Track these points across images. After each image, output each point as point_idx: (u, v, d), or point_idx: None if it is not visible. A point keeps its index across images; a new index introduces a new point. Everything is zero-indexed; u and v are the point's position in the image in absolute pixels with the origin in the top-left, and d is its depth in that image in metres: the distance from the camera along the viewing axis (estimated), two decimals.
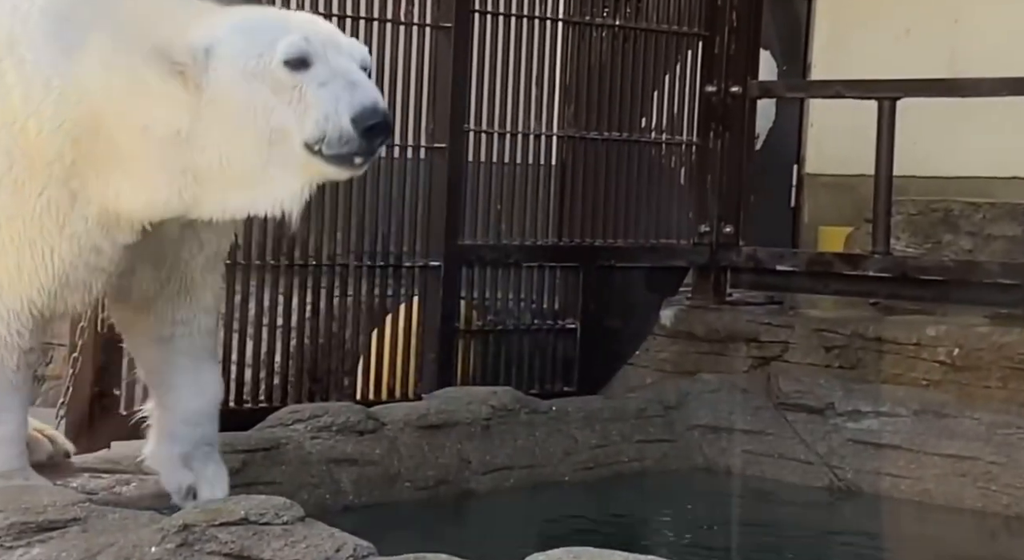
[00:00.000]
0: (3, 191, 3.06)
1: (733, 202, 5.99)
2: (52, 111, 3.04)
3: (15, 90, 3.05)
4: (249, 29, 3.05)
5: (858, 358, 5.29)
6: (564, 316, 5.68)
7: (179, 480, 3.48)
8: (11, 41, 3.06)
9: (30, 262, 3.09)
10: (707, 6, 5.95)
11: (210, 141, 3.02)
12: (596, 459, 4.79)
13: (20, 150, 3.05)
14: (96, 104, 3.05)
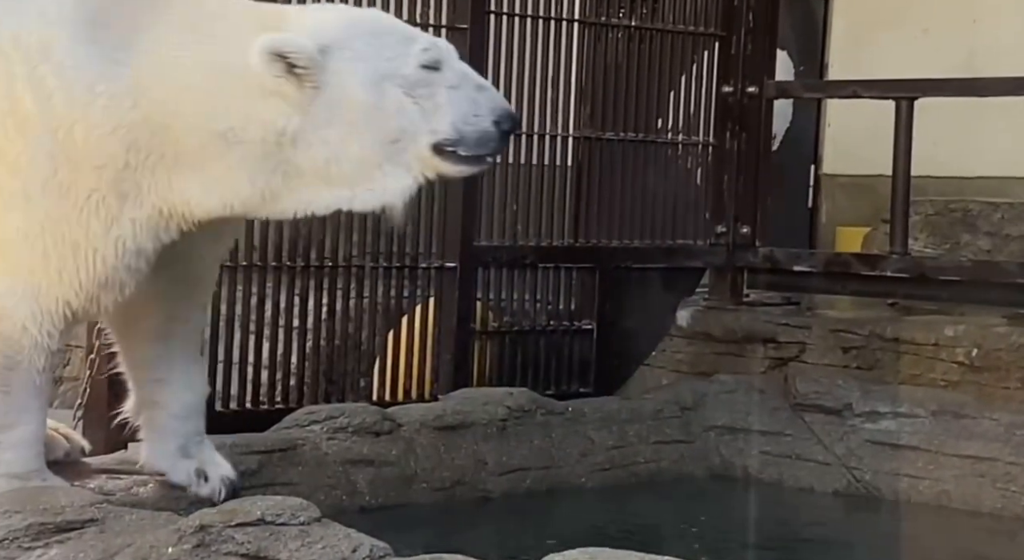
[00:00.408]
0: (48, 195, 3.06)
1: (750, 203, 5.97)
2: (101, 116, 3.05)
3: (56, 95, 3.05)
4: (374, 31, 3.14)
5: (876, 359, 5.27)
6: (580, 317, 5.67)
7: (185, 469, 3.50)
8: (45, 46, 3.07)
9: (72, 264, 3.10)
10: (723, 6, 5.94)
11: (320, 140, 3.06)
12: (612, 460, 4.77)
13: (65, 154, 3.05)
14: (158, 107, 3.06)
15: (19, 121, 3.05)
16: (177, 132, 3.08)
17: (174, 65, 3.07)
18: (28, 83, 3.05)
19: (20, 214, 3.07)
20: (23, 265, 3.09)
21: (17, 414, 3.19)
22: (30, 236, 3.07)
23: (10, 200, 3.07)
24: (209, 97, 3.07)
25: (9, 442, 3.20)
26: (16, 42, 3.08)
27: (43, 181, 3.06)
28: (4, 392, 3.16)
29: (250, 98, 3.05)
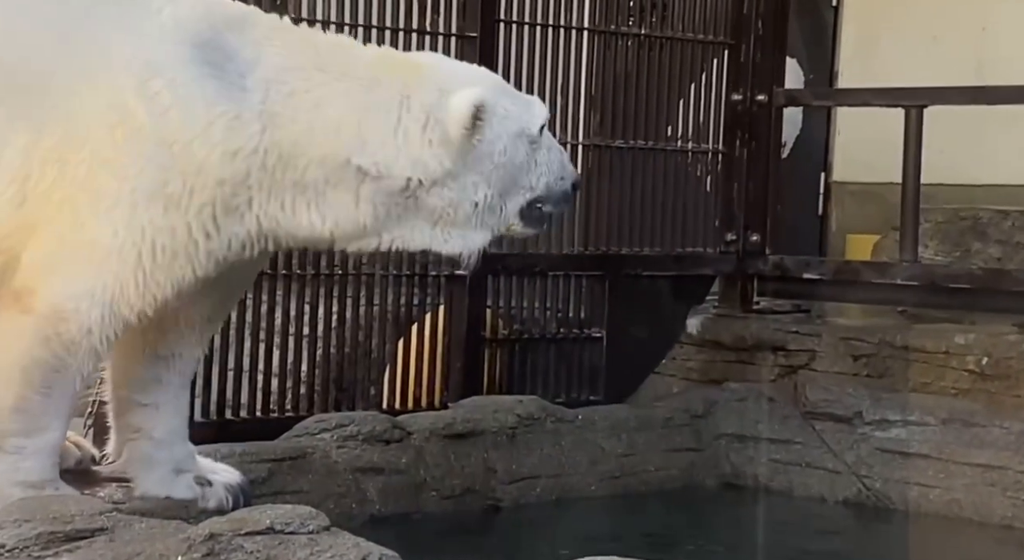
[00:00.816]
0: (154, 205, 3.12)
1: (760, 210, 5.97)
2: (224, 135, 3.13)
3: (172, 111, 3.12)
4: (509, 91, 3.43)
5: (886, 367, 5.26)
6: (590, 325, 5.67)
7: (185, 482, 3.52)
8: (155, 62, 3.13)
9: (163, 273, 3.16)
10: (733, 15, 5.94)
11: (457, 186, 3.27)
12: (622, 468, 4.77)
13: (179, 168, 3.12)
14: (291, 136, 3.18)
15: (130, 131, 3.12)
16: (308, 160, 3.20)
17: (315, 101, 3.20)
18: (139, 96, 3.12)
19: (120, 221, 3.12)
20: (111, 270, 3.14)
21: (50, 419, 3.21)
22: (126, 243, 3.13)
23: (110, 207, 3.12)
24: (356, 134, 3.21)
25: (33, 448, 3.21)
26: (124, 55, 3.15)
27: (151, 191, 3.12)
28: (45, 394, 3.18)
29: (408, 140, 3.22)
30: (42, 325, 3.13)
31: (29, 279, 3.15)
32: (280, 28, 3.34)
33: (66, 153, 3.11)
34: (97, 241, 3.12)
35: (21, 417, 3.18)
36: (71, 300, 3.13)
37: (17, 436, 3.19)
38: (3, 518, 2.93)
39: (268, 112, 3.16)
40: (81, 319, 3.14)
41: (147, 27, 3.17)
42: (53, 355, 3.15)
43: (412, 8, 5.16)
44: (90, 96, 3.13)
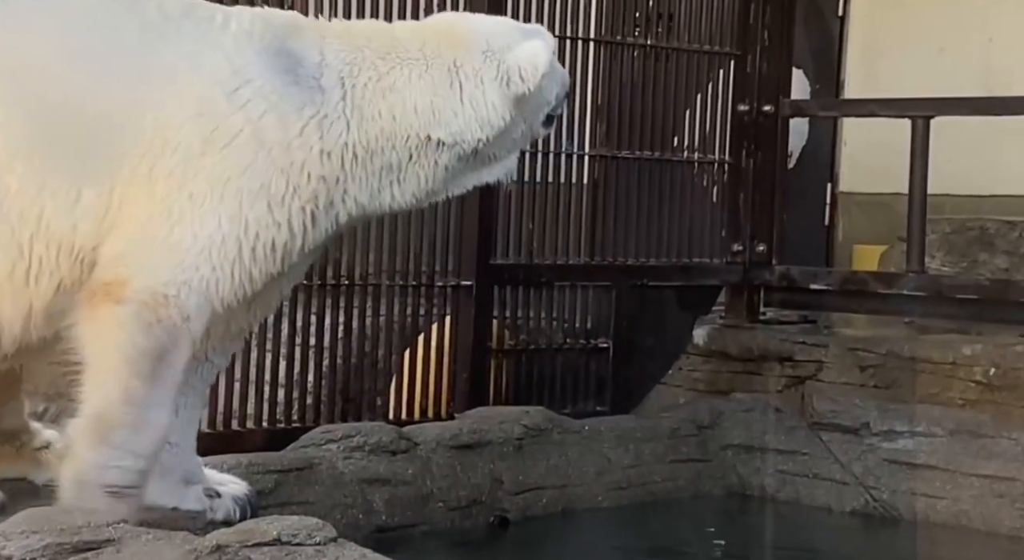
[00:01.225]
0: (259, 203, 3.24)
1: (766, 221, 5.97)
2: (317, 135, 3.30)
3: (267, 117, 3.26)
4: (527, 31, 3.60)
5: (893, 377, 5.25)
6: (596, 335, 5.67)
7: (194, 494, 3.51)
8: (238, 71, 3.27)
9: (259, 269, 3.27)
10: (739, 25, 5.94)
11: (507, 133, 3.50)
12: (629, 479, 4.77)
13: (280, 168, 3.27)
14: (377, 127, 3.38)
15: (227, 137, 3.24)
16: (393, 144, 3.41)
17: (385, 88, 3.39)
18: (231, 104, 3.24)
19: (224, 215, 3.21)
20: (207, 261, 3.22)
21: (157, 410, 3.21)
22: (230, 236, 3.23)
23: (215, 205, 3.21)
24: (430, 110, 3.42)
25: (138, 449, 3.19)
26: (201, 66, 3.26)
27: (255, 190, 3.24)
28: (152, 383, 3.18)
29: (474, 105, 3.44)
30: (142, 312, 3.16)
31: (118, 270, 3.18)
32: (325, 27, 3.51)
33: (157, 160, 3.21)
34: (197, 233, 3.21)
35: (131, 408, 3.18)
36: (170, 287, 3.19)
37: (125, 429, 3.17)
38: (10, 529, 2.94)
39: (349, 107, 3.36)
40: (180, 305, 3.19)
41: (223, 40, 3.30)
42: (157, 341, 3.17)
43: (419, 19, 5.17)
44: (180, 108, 3.23)
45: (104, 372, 3.17)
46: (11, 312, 3.22)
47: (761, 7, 5.95)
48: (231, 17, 3.36)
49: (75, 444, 3.20)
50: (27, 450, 3.58)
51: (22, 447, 3.57)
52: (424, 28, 3.61)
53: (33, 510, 3.09)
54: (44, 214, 3.17)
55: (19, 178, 3.15)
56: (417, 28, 3.62)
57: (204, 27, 3.31)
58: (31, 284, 3.20)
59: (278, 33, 3.36)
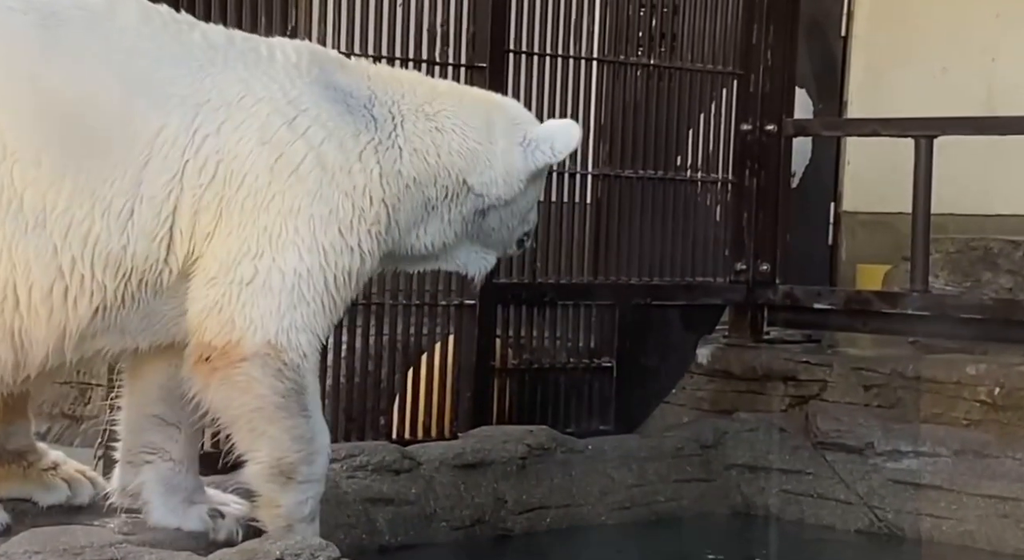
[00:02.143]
0: (331, 229, 3.32)
1: (769, 240, 5.97)
2: (376, 160, 3.43)
3: (327, 144, 3.35)
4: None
5: (898, 397, 5.24)
6: (600, 354, 5.66)
7: (196, 514, 3.52)
8: (293, 101, 3.34)
9: (346, 291, 3.38)
10: (742, 45, 5.96)
11: (510, 212, 3.70)
12: (633, 499, 4.76)
13: (344, 192, 3.36)
14: (423, 161, 3.53)
15: (291, 165, 3.30)
16: (435, 179, 3.55)
17: (436, 128, 3.56)
18: (292, 132, 3.31)
19: (304, 248, 3.30)
20: (304, 298, 3.30)
21: (322, 438, 3.37)
22: (314, 269, 3.31)
23: (291, 236, 3.29)
24: (471, 158, 3.59)
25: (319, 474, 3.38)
26: (256, 95, 3.32)
27: (325, 216, 3.32)
28: (307, 416, 3.32)
29: (505, 163, 3.61)
30: (268, 362, 3.26)
31: (224, 333, 3.25)
32: (370, 67, 3.67)
33: (225, 191, 3.26)
34: (284, 271, 3.27)
35: (302, 444, 3.32)
36: (280, 335, 3.27)
37: (304, 465, 3.33)
38: (13, 550, 2.94)
39: (402, 138, 3.49)
40: (296, 348, 3.29)
41: (273, 71, 3.37)
42: (292, 382, 3.28)
43: (422, 39, 5.19)
44: (235, 135, 3.27)
45: (261, 423, 3.30)
46: (44, 334, 3.21)
47: (764, 27, 5.97)
48: (275, 48, 3.43)
49: (263, 492, 3.35)
50: (34, 470, 3.57)
51: (29, 467, 3.57)
52: (461, 87, 3.91)
53: (37, 530, 3.10)
54: (92, 232, 3.18)
55: (67, 197, 3.17)
56: (455, 85, 3.90)
57: (252, 57, 3.37)
58: (69, 305, 3.21)
59: (325, 66, 3.46)
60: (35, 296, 3.19)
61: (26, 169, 3.15)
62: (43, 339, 3.21)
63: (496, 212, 3.65)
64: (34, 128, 3.17)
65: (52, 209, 3.17)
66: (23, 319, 3.19)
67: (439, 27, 5.19)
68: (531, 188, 3.70)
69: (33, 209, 3.16)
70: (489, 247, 3.74)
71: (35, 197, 3.16)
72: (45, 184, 3.16)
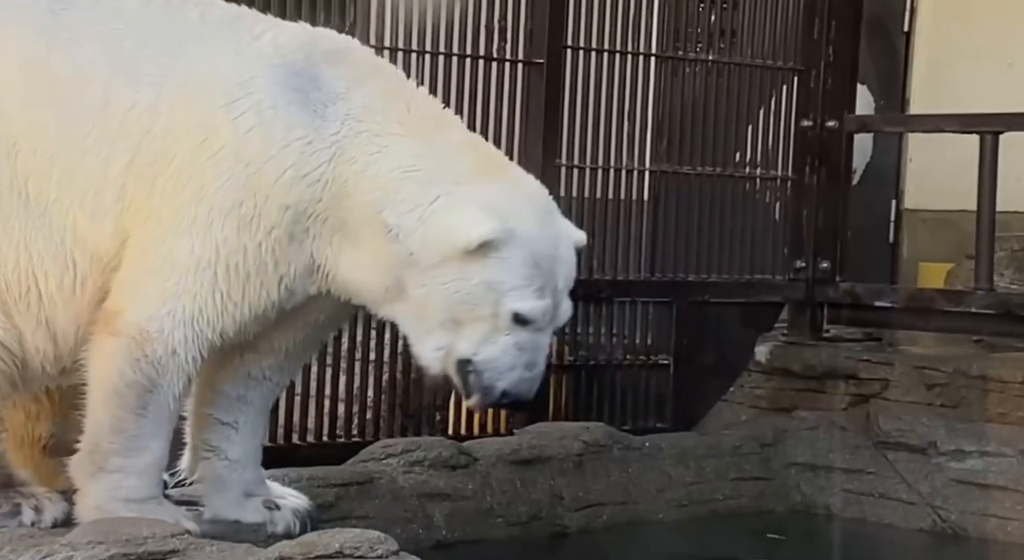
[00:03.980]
0: (229, 225, 3.14)
1: (830, 237, 5.90)
2: (295, 159, 3.15)
3: (254, 131, 3.15)
4: (536, 262, 3.18)
5: (961, 396, 5.16)
6: (657, 352, 5.63)
7: (253, 506, 3.52)
8: (245, 82, 3.17)
9: (238, 294, 3.18)
10: (803, 40, 5.90)
11: (430, 287, 3.16)
12: (690, 496, 4.72)
13: (253, 189, 3.14)
14: (350, 174, 3.18)
15: (213, 150, 3.15)
16: (353, 202, 3.19)
17: (379, 147, 3.19)
18: (226, 115, 3.15)
19: (198, 240, 3.15)
20: (189, 290, 3.16)
21: (148, 439, 3.23)
22: (202, 262, 3.15)
23: (189, 226, 3.15)
24: (396, 192, 3.17)
25: (135, 468, 3.23)
26: (215, 74, 3.19)
27: (227, 211, 3.15)
28: (140, 415, 3.20)
29: (431, 222, 3.14)
30: (131, 347, 3.16)
31: (117, 300, 3.18)
32: (384, 74, 3.37)
33: (158, 170, 3.16)
34: (175, 259, 3.15)
35: (119, 438, 3.21)
36: (154, 321, 3.15)
37: (117, 456, 3.21)
38: (77, 540, 2.96)
39: (337, 145, 3.18)
40: (165, 340, 3.16)
41: (246, 50, 3.22)
42: (144, 376, 3.17)
43: (479, 35, 5.18)
44: (184, 113, 3.17)
45: (96, 402, 3.21)
46: (64, 323, 3.23)
47: (826, 22, 5.90)
48: (272, 29, 3.27)
49: (76, 480, 3.24)
50: None
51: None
52: (477, 142, 3.36)
53: (99, 520, 3.11)
54: (77, 223, 3.18)
55: (57, 184, 3.17)
56: (473, 140, 3.37)
57: (237, 36, 3.22)
58: (77, 294, 3.21)
59: (313, 54, 3.23)
60: (51, 285, 3.20)
61: (27, 157, 3.17)
62: (64, 328, 3.23)
63: (417, 274, 3.15)
64: (36, 115, 3.18)
65: (50, 198, 3.17)
66: (46, 309, 3.21)
67: (496, 23, 5.18)
68: (463, 275, 3.09)
69: (36, 198, 3.17)
70: (425, 333, 3.20)
71: (36, 186, 3.17)
72: (42, 172, 3.16)
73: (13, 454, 3.47)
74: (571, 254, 3.33)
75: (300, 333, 3.47)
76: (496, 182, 3.23)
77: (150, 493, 3.26)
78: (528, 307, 3.16)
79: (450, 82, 5.09)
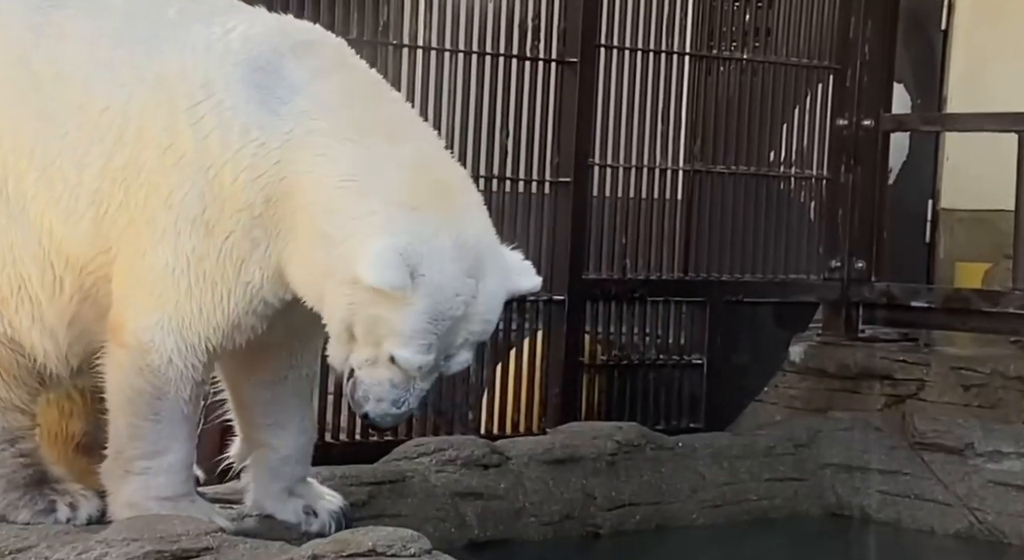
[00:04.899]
0: (195, 232, 3.12)
1: (865, 237, 5.86)
2: (249, 161, 3.10)
3: (213, 134, 3.10)
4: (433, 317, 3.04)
5: (999, 397, 5.12)
6: (690, 351, 5.60)
7: (293, 508, 3.53)
8: (208, 83, 3.12)
9: (210, 302, 3.17)
10: (838, 39, 5.86)
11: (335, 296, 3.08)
12: (724, 497, 4.70)
13: (212, 194, 3.10)
14: (293, 175, 3.10)
15: (177, 156, 3.13)
16: (295, 205, 3.11)
17: (323, 149, 3.09)
18: (188, 119, 3.12)
19: (170, 249, 3.14)
20: (170, 299, 3.17)
21: (167, 441, 3.26)
22: (176, 271, 3.15)
23: (162, 235, 3.14)
24: (330, 200, 3.08)
25: (160, 467, 3.26)
26: (182, 75, 3.15)
27: (192, 218, 3.13)
28: (155, 420, 3.22)
29: (350, 242, 3.04)
30: (133, 357, 3.19)
31: (118, 312, 3.21)
32: (347, 68, 3.24)
33: (130, 175, 3.15)
34: (155, 269, 3.15)
35: (139, 443, 3.24)
36: (147, 332, 3.18)
37: (141, 459, 3.25)
38: (112, 537, 2.97)
39: (288, 144, 3.09)
40: (159, 350, 3.18)
41: (214, 47, 3.15)
42: (149, 384, 3.20)
43: (512, 34, 5.18)
44: (153, 117, 3.14)
45: (114, 409, 3.26)
46: (53, 321, 3.26)
47: (861, 21, 5.86)
48: (244, 23, 3.18)
49: (107, 485, 3.28)
50: None
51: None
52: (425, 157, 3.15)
53: (134, 518, 3.13)
54: (52, 223, 3.19)
55: (34, 184, 3.18)
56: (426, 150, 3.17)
57: (206, 32, 3.14)
58: (57, 294, 3.23)
59: (280, 48, 3.14)
60: (35, 284, 3.23)
61: (8, 155, 3.18)
62: (53, 326, 3.25)
63: (331, 283, 3.05)
64: (15, 113, 3.18)
65: (27, 197, 3.17)
66: (36, 308, 3.24)
67: (530, 21, 5.17)
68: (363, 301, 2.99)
69: (16, 198, 3.18)
70: (334, 336, 3.13)
71: (16, 185, 3.18)
72: (21, 171, 3.17)
73: (47, 451, 3.49)
74: (489, 309, 3.14)
75: (296, 323, 3.39)
76: (428, 216, 3.05)
77: (181, 490, 3.28)
78: (405, 357, 3.06)
79: (483, 81, 5.09)
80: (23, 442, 3.34)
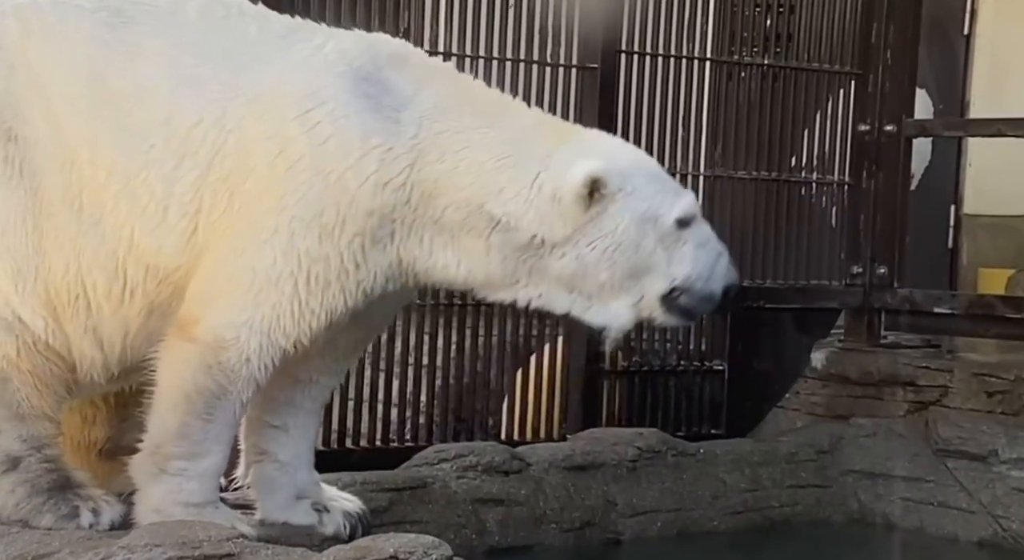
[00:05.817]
0: (311, 235, 3.18)
1: (887, 243, 5.83)
2: (376, 166, 3.19)
3: (331, 141, 3.17)
4: (653, 175, 3.34)
5: (1022, 404, 5.07)
6: (711, 357, 5.59)
7: (303, 508, 3.54)
8: (314, 93, 3.20)
9: (317, 302, 3.22)
10: (860, 44, 5.84)
11: (575, 256, 3.25)
12: (746, 504, 4.68)
13: (333, 198, 3.17)
14: (436, 175, 3.22)
15: (290, 162, 3.19)
16: (447, 200, 3.24)
17: (464, 143, 3.24)
18: (300, 127, 3.19)
19: (279, 249, 3.19)
20: (269, 300, 3.20)
21: (211, 443, 3.28)
22: (284, 273, 3.19)
23: (270, 236, 3.19)
24: (495, 183, 3.23)
25: (196, 471, 3.28)
26: (282, 87, 3.22)
27: (308, 220, 3.19)
28: (207, 419, 3.23)
29: (540, 199, 3.22)
30: (205, 353, 3.21)
31: (193, 308, 3.23)
32: (442, 71, 3.42)
33: (235, 184, 3.20)
34: (256, 269, 3.19)
35: (184, 442, 3.25)
36: (231, 329, 3.20)
37: (180, 459, 3.26)
38: (135, 542, 2.97)
39: (418, 148, 3.22)
40: (241, 348, 3.21)
41: (312, 60, 3.25)
42: (215, 383, 3.21)
43: (533, 40, 5.18)
44: (255, 128, 3.20)
45: (164, 405, 3.25)
46: (111, 331, 3.28)
47: (884, 26, 5.84)
48: (332, 38, 3.30)
49: (136, 479, 3.28)
50: None
51: None
52: (549, 119, 3.42)
53: (156, 524, 3.13)
54: (134, 233, 3.22)
55: (114, 196, 3.21)
56: (543, 117, 3.43)
57: (299, 47, 3.26)
58: (126, 304, 3.25)
59: (377, 60, 3.27)
60: (100, 293, 3.24)
61: (83, 168, 3.21)
62: (110, 337, 3.27)
63: (560, 252, 3.23)
64: (92, 127, 3.22)
65: (105, 208, 3.21)
66: (94, 317, 3.26)
67: (551, 27, 5.17)
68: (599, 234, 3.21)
69: (91, 209, 3.22)
70: (594, 298, 3.28)
71: (91, 196, 3.21)
72: (98, 183, 3.20)
73: (69, 457, 3.51)
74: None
75: (352, 335, 3.48)
76: (575, 141, 3.31)
77: (208, 497, 3.29)
78: (682, 206, 3.28)
79: (504, 87, 5.07)
80: (48, 448, 3.35)
